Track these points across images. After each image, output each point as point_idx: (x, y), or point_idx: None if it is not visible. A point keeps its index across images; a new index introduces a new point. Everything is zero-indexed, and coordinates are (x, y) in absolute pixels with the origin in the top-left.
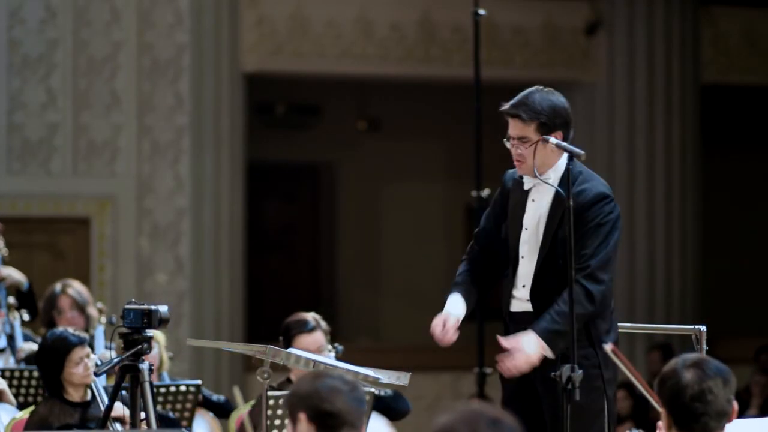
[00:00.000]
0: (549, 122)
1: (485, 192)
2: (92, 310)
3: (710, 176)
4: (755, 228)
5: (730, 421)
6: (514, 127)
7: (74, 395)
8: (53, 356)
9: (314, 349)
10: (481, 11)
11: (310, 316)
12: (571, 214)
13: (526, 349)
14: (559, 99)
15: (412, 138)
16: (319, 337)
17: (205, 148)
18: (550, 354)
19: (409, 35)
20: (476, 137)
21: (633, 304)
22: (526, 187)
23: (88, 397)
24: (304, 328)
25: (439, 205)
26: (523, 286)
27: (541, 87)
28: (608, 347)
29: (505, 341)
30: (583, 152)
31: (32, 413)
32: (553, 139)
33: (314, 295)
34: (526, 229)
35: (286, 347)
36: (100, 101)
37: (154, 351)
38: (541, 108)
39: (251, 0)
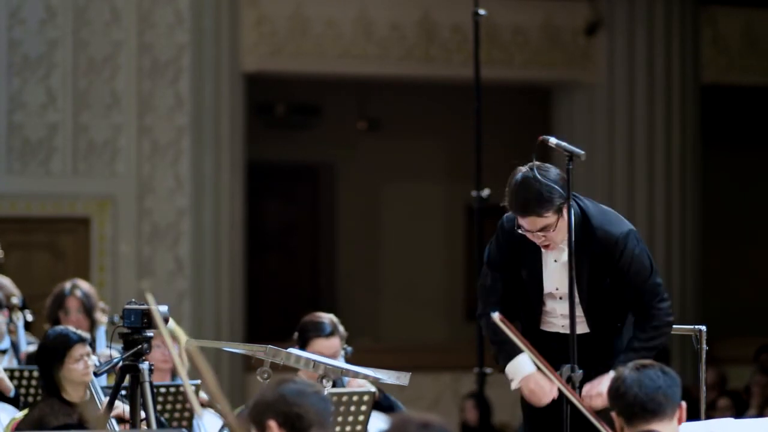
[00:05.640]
0: (559, 200)
1: (485, 192)
2: (98, 315)
3: (710, 176)
4: (755, 228)
5: (680, 421)
6: (533, 223)
7: (73, 395)
8: (53, 353)
9: (329, 354)
10: (481, 11)
11: (328, 320)
12: (571, 215)
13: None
14: (551, 173)
15: (412, 138)
16: (335, 343)
17: (205, 148)
18: None
19: (409, 35)
20: (476, 137)
21: None
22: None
23: (87, 397)
24: (322, 332)
25: (439, 205)
26: (561, 315)
27: (530, 167)
28: (495, 316)
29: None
30: (583, 152)
31: (27, 413)
32: (553, 139)
33: (314, 295)
34: (557, 288)
35: (302, 347)
36: (100, 101)
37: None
38: (550, 195)
39: (251, 0)
